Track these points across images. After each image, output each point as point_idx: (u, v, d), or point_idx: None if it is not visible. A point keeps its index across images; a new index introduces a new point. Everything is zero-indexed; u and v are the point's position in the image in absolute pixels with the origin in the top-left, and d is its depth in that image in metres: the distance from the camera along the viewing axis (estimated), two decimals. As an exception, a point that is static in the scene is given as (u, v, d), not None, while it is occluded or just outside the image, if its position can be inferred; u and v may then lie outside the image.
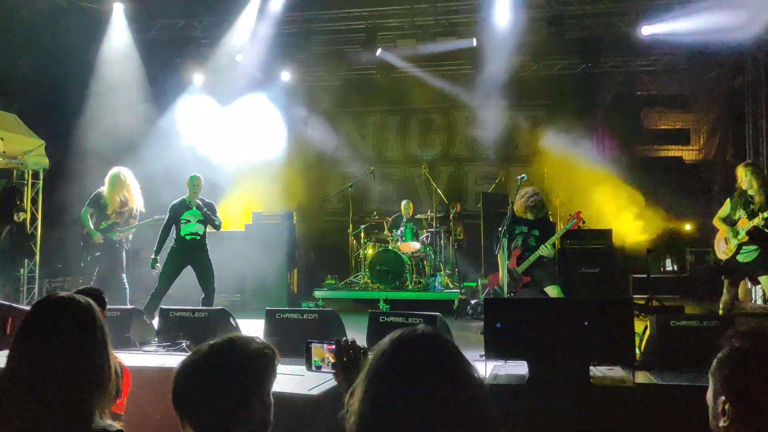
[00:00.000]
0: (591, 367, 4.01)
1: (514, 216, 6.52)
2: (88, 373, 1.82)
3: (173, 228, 7.25)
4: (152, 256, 7.33)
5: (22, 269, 9.23)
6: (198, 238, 7.20)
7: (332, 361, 2.00)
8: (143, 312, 6.03)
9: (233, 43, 10.84)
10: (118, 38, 10.23)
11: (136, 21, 10.46)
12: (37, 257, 9.34)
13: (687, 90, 12.23)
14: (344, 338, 2.01)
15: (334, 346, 2.00)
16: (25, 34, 9.20)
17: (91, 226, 7.43)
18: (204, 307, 5.88)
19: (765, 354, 1.43)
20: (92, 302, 1.94)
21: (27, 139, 9.10)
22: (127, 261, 7.72)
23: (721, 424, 1.45)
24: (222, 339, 1.77)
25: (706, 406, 1.51)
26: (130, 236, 7.70)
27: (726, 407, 1.43)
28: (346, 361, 1.95)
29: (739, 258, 5.86)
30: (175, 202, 7.30)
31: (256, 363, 1.74)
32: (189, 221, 7.17)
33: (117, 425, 1.83)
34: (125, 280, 7.48)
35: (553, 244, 6.36)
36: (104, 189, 7.51)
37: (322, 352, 2.03)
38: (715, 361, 1.49)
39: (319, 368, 2.05)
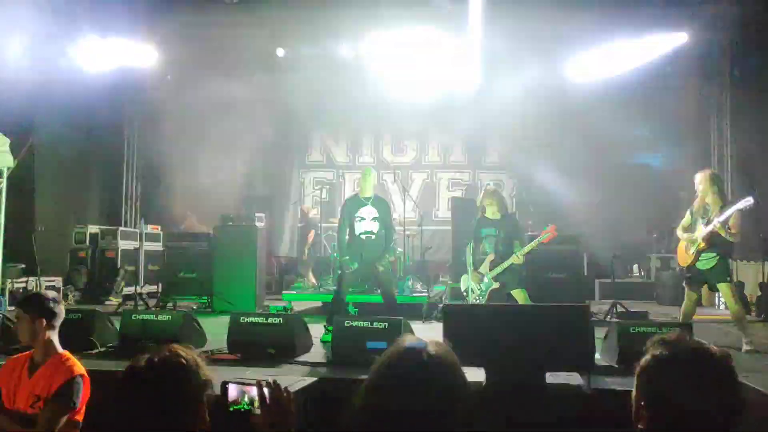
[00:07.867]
0: (548, 373, 4.04)
1: (480, 220, 6.57)
2: None
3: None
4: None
5: (-16, 270, 9.03)
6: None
7: (254, 403, 1.87)
8: (105, 315, 5.95)
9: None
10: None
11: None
12: (0, 257, 9.14)
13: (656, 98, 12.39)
14: (266, 380, 1.87)
15: (255, 389, 1.88)
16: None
17: None
18: (168, 311, 5.83)
19: (680, 363, 1.50)
20: None
21: (-10, 137, 8.90)
22: None
23: (640, 426, 1.54)
24: (152, 356, 1.78)
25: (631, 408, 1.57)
26: None
27: (644, 411, 1.52)
28: (271, 406, 1.82)
29: (699, 265, 5.93)
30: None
31: (188, 377, 1.76)
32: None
33: None
34: None
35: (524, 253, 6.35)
36: None
37: (243, 391, 1.94)
38: (637, 368, 1.55)
39: (239, 410, 1.95)
